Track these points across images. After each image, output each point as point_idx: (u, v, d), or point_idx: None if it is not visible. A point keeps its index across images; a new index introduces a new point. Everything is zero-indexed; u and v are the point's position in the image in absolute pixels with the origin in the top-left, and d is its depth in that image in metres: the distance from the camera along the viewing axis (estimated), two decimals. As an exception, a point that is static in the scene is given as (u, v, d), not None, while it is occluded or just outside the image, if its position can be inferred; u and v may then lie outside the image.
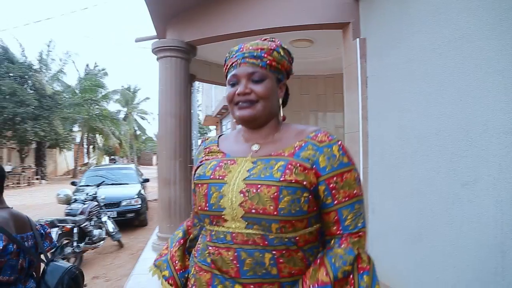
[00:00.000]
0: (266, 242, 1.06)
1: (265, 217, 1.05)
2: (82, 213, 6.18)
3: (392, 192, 2.92)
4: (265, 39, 1.23)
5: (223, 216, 1.11)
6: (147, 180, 10.17)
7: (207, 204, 1.15)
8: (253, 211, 1.06)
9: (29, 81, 20.91)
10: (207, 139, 1.38)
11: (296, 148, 1.13)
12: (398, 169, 2.83)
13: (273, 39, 1.24)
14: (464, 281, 2.20)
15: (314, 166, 1.09)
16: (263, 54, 1.17)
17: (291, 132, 1.21)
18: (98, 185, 7.00)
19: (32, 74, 20.94)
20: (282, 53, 1.20)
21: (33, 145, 22.84)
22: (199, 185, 1.19)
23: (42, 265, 1.75)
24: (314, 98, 7.20)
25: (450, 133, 2.26)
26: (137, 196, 8.57)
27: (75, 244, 5.50)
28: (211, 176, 1.17)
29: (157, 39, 4.48)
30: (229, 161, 1.19)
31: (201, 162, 1.27)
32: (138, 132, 41.61)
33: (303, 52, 5.56)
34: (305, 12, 3.72)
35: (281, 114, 1.23)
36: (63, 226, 5.31)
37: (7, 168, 20.04)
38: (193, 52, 4.36)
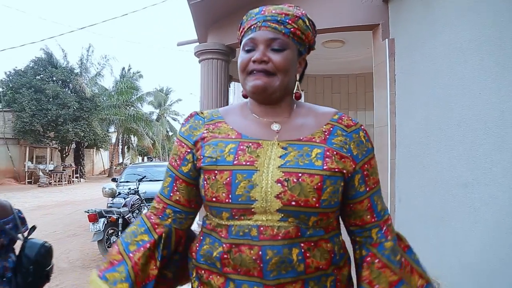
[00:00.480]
0: (299, 234, 0.94)
1: (306, 209, 0.94)
2: (125, 205, 6.68)
3: (418, 181, 3.15)
4: (290, 6, 1.08)
5: (252, 209, 0.95)
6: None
7: (230, 195, 0.96)
8: (293, 203, 0.93)
9: (70, 85, 22.02)
10: (201, 113, 1.14)
11: (326, 134, 1.03)
12: (423, 159, 3.06)
13: (298, 7, 1.09)
14: (485, 261, 2.41)
15: (349, 154, 1.02)
16: (287, 20, 1.03)
17: (308, 112, 1.11)
18: (139, 180, 7.50)
19: (73, 78, 22.05)
20: (307, 23, 1.07)
21: (73, 145, 24.00)
22: (216, 172, 0.98)
23: (21, 242, 2.00)
24: (345, 97, 7.41)
25: (469, 124, 2.49)
26: None
27: (119, 233, 6.00)
28: (235, 162, 0.98)
29: (199, 43, 4.87)
30: (251, 144, 1.01)
31: (202, 138, 1.06)
32: (170, 133, 42.71)
33: (334, 52, 5.81)
34: (337, 15, 3.99)
35: (297, 91, 1.10)
36: (110, 216, 5.82)
37: (50, 166, 21.18)
38: (232, 54, 4.71)
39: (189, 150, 1.07)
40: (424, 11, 3.11)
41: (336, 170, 0.96)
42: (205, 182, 1.00)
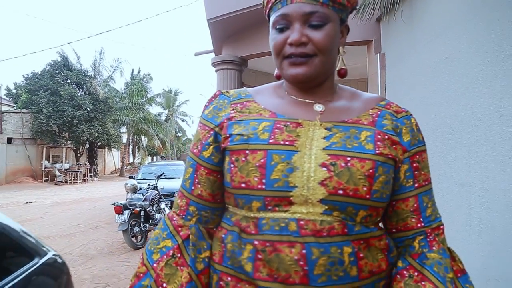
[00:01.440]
0: (345, 230, 0.78)
1: (355, 201, 0.79)
2: (145, 200, 7.35)
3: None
4: None
5: (290, 198, 0.79)
6: (196, 175, 11.42)
7: (263, 180, 0.80)
8: (340, 192, 0.78)
9: (85, 87, 22.81)
10: (227, 92, 0.99)
11: (374, 117, 0.89)
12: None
13: None
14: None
15: (399, 140, 0.87)
16: None
17: (352, 96, 0.96)
18: (158, 177, 8.19)
19: (88, 80, 22.84)
20: None
21: (86, 145, 24.80)
22: (246, 152, 0.83)
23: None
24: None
25: (438, 127, 3.07)
26: (188, 188, 9.76)
27: (142, 224, 6.67)
28: (271, 140, 0.82)
29: (215, 55, 5.48)
30: (290, 123, 0.86)
31: (230, 117, 0.90)
32: (179, 134, 43.23)
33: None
34: (336, 31, 4.59)
35: (342, 67, 0.96)
36: (133, 209, 6.49)
37: (65, 166, 21.98)
38: (245, 64, 5.30)
39: (212, 132, 0.91)
40: (407, 31, 3.69)
41: (390, 156, 0.83)
42: (232, 165, 0.84)
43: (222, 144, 0.88)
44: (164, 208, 7.79)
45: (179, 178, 10.63)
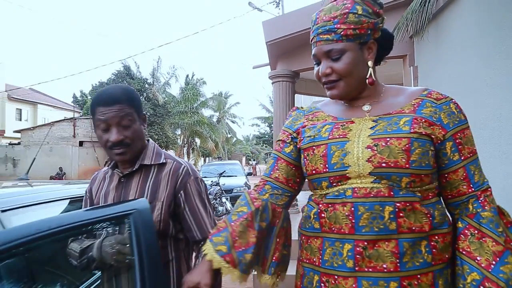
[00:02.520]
0: (392, 193, 0.99)
1: (396, 170, 0.99)
2: (209, 194, 8.42)
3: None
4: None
5: (347, 175, 1.03)
6: (250, 174, 12.47)
7: (326, 165, 1.06)
8: (384, 164, 0.99)
9: (145, 93, 24.60)
10: (301, 107, 1.30)
11: (415, 106, 1.08)
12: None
13: None
14: None
15: (439, 123, 1.05)
16: (336, 25, 1.06)
17: (399, 92, 1.16)
18: (220, 174, 9.30)
19: (147, 87, 24.63)
20: (360, 11, 1.07)
21: (147, 147, 26.58)
22: (313, 147, 1.10)
23: None
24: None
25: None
26: (244, 185, 10.79)
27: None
28: (330, 137, 1.09)
29: (271, 70, 6.40)
30: (345, 122, 1.11)
31: (303, 126, 1.20)
32: (228, 135, 44.09)
33: (382, 67, 7.08)
34: (375, 47, 5.33)
35: (369, 77, 1.11)
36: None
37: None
38: (297, 76, 6.15)
39: (290, 136, 1.22)
40: (434, 48, 4.38)
41: (423, 133, 1.01)
42: (305, 160, 1.13)
43: (298, 145, 1.18)
44: (225, 202, 8.84)
45: (236, 176, 11.74)
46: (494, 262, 0.94)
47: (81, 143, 23.82)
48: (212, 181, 9.05)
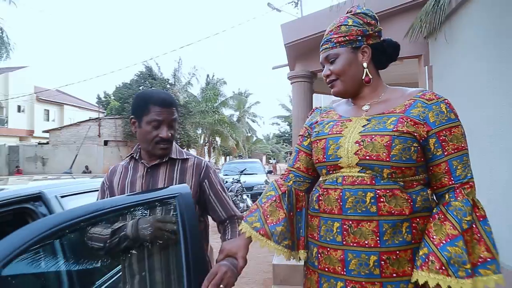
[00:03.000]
0: (373, 182, 1.16)
1: (378, 163, 1.15)
2: (231, 191, 8.69)
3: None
4: (341, 17, 1.34)
5: (339, 164, 1.23)
6: (270, 172, 12.69)
7: (324, 156, 1.27)
8: (367, 157, 1.17)
9: (167, 93, 25.09)
10: (320, 107, 1.50)
11: (407, 106, 1.21)
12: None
13: (350, 10, 1.37)
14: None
15: (424, 121, 1.17)
16: (331, 36, 1.30)
17: (398, 93, 1.29)
18: (241, 172, 9.55)
19: (169, 87, 25.13)
20: (350, 23, 1.29)
21: (169, 146, 27.07)
22: (317, 141, 1.32)
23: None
24: (409, 102, 8.65)
25: (478, 131, 3.90)
26: (264, 183, 11.00)
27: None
28: (329, 132, 1.29)
29: (290, 70, 6.62)
30: (345, 120, 1.30)
31: (316, 122, 1.40)
32: (248, 134, 44.09)
33: (398, 67, 7.20)
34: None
35: (365, 77, 1.29)
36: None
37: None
38: (315, 77, 6.34)
39: (307, 131, 1.44)
40: (448, 48, 4.50)
41: (405, 132, 1.15)
42: (313, 150, 1.34)
43: (311, 138, 1.39)
44: (246, 199, 9.09)
45: (257, 174, 11.98)
46: (444, 242, 1.09)
47: (105, 142, 24.53)
48: (233, 179, 9.32)
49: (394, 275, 1.14)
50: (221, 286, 1.22)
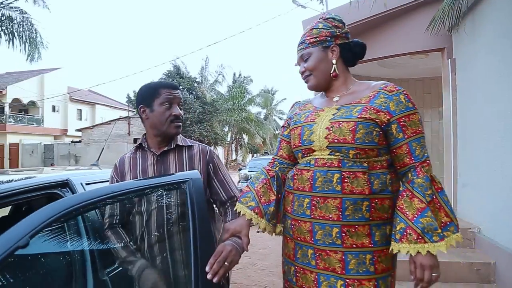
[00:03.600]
0: (340, 164, 1.32)
1: (345, 145, 1.32)
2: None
3: (473, 161, 4.49)
4: (317, 21, 1.51)
5: (312, 147, 1.39)
6: (294, 168, 12.81)
7: (300, 141, 1.43)
8: (335, 141, 1.33)
9: (194, 92, 25.46)
10: (299, 101, 1.65)
11: (371, 97, 1.38)
12: (476, 145, 4.42)
13: (322, 16, 1.54)
14: None
15: (386, 110, 1.34)
16: (304, 39, 1.48)
17: (364, 86, 1.46)
18: (264, 168, 9.67)
19: (196, 86, 25.49)
20: (320, 26, 1.46)
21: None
22: (295, 128, 1.48)
23: None
24: (436, 96, 8.49)
25: (498, 121, 3.84)
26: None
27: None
28: (304, 120, 1.46)
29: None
30: (319, 110, 1.46)
31: (295, 114, 1.56)
32: (276, 132, 43.97)
33: (423, 61, 7.10)
34: (416, 42, 5.42)
35: (333, 72, 1.45)
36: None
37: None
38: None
39: (287, 122, 1.61)
40: (471, 41, 4.44)
41: (368, 118, 1.32)
42: (291, 137, 1.51)
43: (290, 128, 1.56)
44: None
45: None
46: (416, 216, 1.26)
47: (135, 140, 25.13)
48: (257, 174, 9.47)
49: (354, 246, 1.31)
50: (226, 263, 1.32)
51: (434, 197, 1.30)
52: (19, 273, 1.22)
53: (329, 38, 1.46)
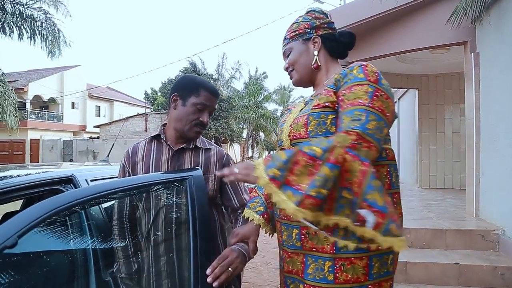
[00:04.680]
0: None
1: (301, 140, 1.25)
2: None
3: (495, 158, 4.32)
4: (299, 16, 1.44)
5: (282, 146, 1.35)
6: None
7: (277, 142, 1.43)
8: (294, 137, 1.28)
9: (210, 89, 25.53)
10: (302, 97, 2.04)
11: (331, 80, 1.29)
12: (499, 142, 4.24)
13: (303, 14, 1.45)
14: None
15: (335, 88, 1.24)
16: (286, 34, 1.44)
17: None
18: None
19: (213, 82, 25.54)
20: (300, 20, 1.42)
21: (212, 140, 27.67)
22: (279, 128, 1.44)
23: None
24: (457, 92, 8.26)
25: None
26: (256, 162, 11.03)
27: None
28: (281, 121, 1.44)
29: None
30: (293, 108, 1.44)
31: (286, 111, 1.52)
32: None
33: (444, 55, 6.88)
34: (437, 35, 5.22)
35: (314, 63, 1.37)
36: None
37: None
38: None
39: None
40: (498, 34, 4.25)
41: (316, 106, 1.23)
42: None
43: None
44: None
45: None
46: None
47: (152, 137, 25.31)
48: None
49: (314, 249, 1.20)
50: (230, 269, 1.25)
51: (318, 161, 1.07)
52: (8, 273, 1.16)
53: (308, 30, 1.39)
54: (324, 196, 1.05)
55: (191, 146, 1.66)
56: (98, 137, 27.28)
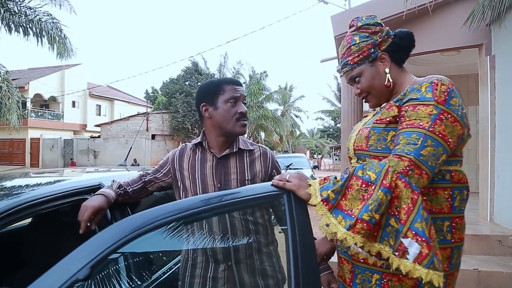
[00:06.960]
0: None
1: (361, 152, 1.26)
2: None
3: (510, 163, 4.27)
4: (346, 39, 1.34)
5: (349, 155, 1.38)
6: (316, 167, 12.55)
7: (346, 148, 1.43)
8: (357, 148, 1.28)
9: (212, 88, 25.44)
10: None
11: (400, 94, 1.24)
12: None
13: (352, 24, 1.34)
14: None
15: (401, 102, 1.19)
16: (346, 59, 1.32)
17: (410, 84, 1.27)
18: (287, 166, 9.48)
19: (214, 82, 25.45)
20: (357, 40, 1.29)
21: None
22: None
23: None
24: (465, 95, 8.19)
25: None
26: (310, 178, 10.93)
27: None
28: (353, 127, 1.44)
29: (339, 64, 6.45)
30: (366, 115, 1.44)
31: None
32: (293, 129, 43.70)
33: (453, 57, 6.83)
34: (451, 38, 5.17)
35: (386, 83, 1.29)
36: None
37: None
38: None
39: None
40: (514, 37, 4.20)
41: (378, 121, 1.22)
42: None
43: None
44: (291, 193, 9.05)
45: (302, 169, 11.89)
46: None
47: (153, 136, 25.30)
48: (279, 173, 9.30)
49: (362, 260, 1.21)
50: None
51: (372, 187, 1.06)
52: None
53: (372, 50, 1.29)
54: (376, 221, 1.03)
55: (234, 150, 1.65)
56: (99, 136, 27.18)
